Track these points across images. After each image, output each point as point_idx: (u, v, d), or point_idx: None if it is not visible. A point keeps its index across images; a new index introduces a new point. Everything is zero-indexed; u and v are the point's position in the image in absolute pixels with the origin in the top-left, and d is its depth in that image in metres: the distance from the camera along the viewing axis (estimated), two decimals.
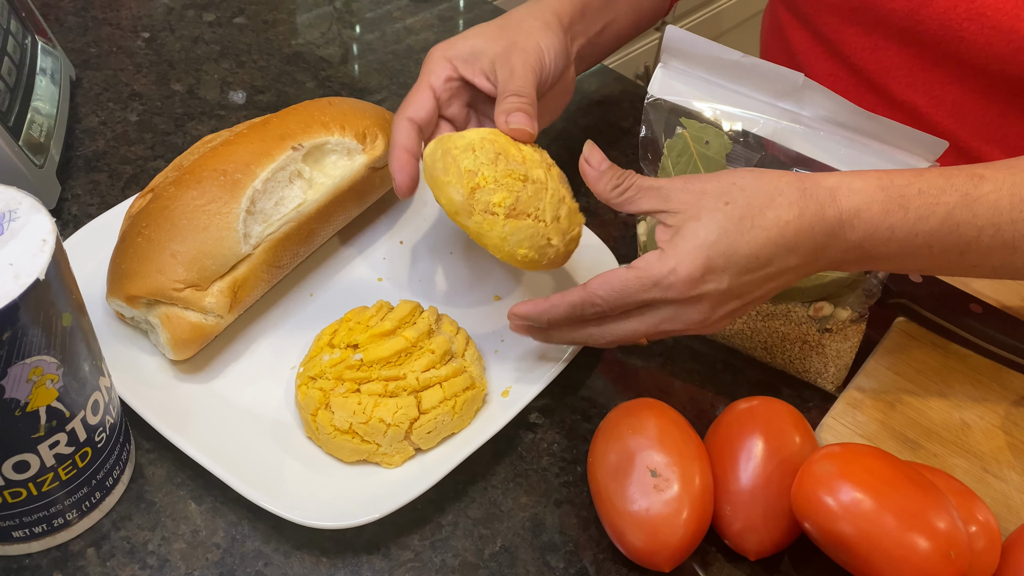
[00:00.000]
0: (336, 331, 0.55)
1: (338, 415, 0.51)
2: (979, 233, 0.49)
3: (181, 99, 0.78)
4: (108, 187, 0.70)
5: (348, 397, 0.51)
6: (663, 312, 0.49)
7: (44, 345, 0.41)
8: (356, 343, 0.53)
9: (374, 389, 0.52)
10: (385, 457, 0.52)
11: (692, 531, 0.48)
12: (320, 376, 0.53)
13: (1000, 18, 0.59)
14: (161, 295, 0.53)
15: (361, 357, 0.52)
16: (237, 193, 0.55)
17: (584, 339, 0.53)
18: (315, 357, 0.54)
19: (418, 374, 0.52)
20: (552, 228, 0.52)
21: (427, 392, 0.52)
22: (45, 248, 0.41)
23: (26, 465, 0.44)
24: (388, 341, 0.53)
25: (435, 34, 0.91)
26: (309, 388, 0.53)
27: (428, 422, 0.52)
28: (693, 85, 0.62)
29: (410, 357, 0.53)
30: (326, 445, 0.52)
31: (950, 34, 0.61)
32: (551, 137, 0.80)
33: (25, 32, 0.70)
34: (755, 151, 0.61)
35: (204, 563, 0.49)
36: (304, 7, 0.92)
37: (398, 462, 0.52)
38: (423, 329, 0.54)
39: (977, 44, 0.61)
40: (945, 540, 0.44)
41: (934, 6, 0.62)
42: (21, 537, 0.47)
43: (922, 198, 0.48)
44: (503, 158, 0.52)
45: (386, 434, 0.51)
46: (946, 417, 0.58)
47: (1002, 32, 0.59)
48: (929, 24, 0.62)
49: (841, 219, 0.48)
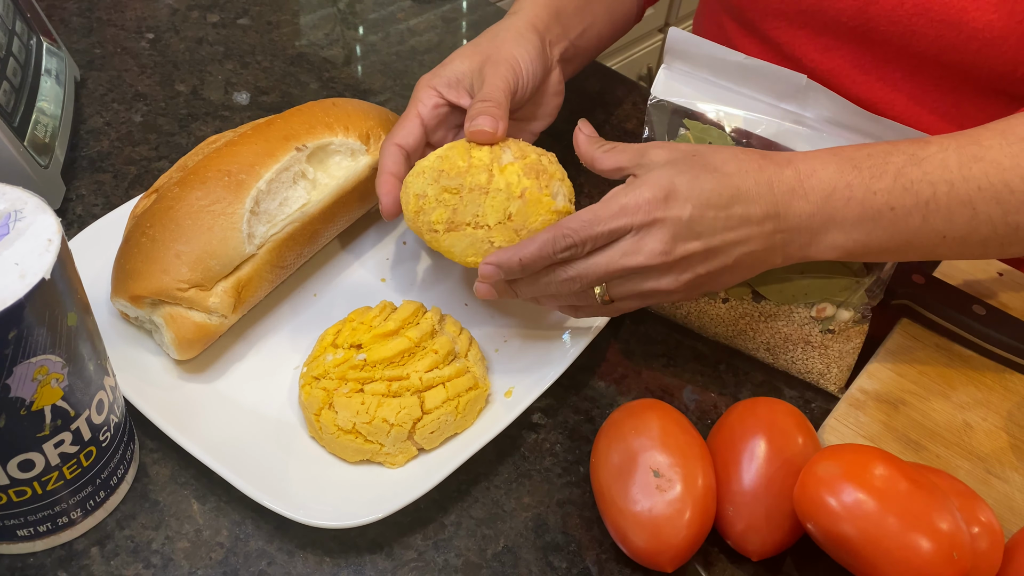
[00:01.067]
0: (339, 331, 0.55)
1: (341, 415, 0.51)
2: (934, 190, 0.51)
3: (185, 100, 0.79)
4: (112, 187, 0.70)
5: (352, 397, 0.52)
6: (625, 244, 0.50)
7: (49, 344, 0.42)
8: (359, 343, 0.54)
9: (377, 389, 0.52)
10: (388, 457, 0.52)
11: (695, 531, 0.48)
12: (324, 376, 0.53)
13: (948, 12, 0.60)
14: (165, 295, 0.54)
15: (364, 357, 0.53)
16: (241, 194, 0.56)
17: (553, 289, 0.52)
18: (319, 357, 0.54)
19: (421, 374, 0.52)
20: (497, 230, 0.52)
21: (430, 392, 0.52)
22: (51, 248, 0.41)
23: (31, 464, 0.44)
24: (391, 341, 0.53)
25: (438, 35, 0.91)
26: (313, 388, 0.53)
27: (431, 422, 0.52)
28: (696, 87, 0.63)
29: (413, 357, 0.53)
30: (330, 445, 0.53)
31: (900, 29, 0.63)
32: (553, 137, 0.80)
33: (30, 33, 0.70)
34: None
35: (208, 562, 0.49)
36: (308, 8, 0.92)
37: (401, 462, 0.52)
38: (426, 329, 0.54)
39: (928, 37, 0.62)
40: (948, 541, 0.44)
41: (881, 3, 0.63)
42: (26, 536, 0.48)
43: (871, 159, 0.51)
44: (444, 174, 0.53)
45: (389, 434, 0.51)
46: (949, 418, 0.58)
47: (951, 25, 0.60)
48: (879, 21, 0.63)
49: (799, 177, 0.51)
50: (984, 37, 0.59)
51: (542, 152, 0.57)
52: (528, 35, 0.61)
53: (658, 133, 0.63)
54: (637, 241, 0.50)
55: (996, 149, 0.51)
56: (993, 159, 0.51)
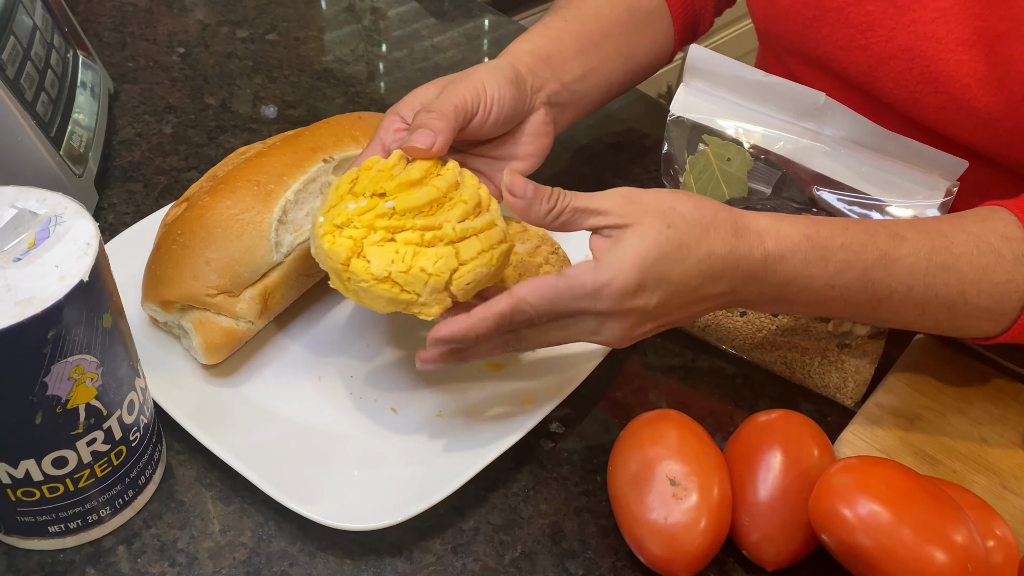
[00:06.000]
0: (356, 179, 0.52)
1: (375, 263, 0.48)
2: (892, 292, 0.51)
3: (214, 112, 0.81)
4: (143, 197, 0.72)
5: (384, 245, 0.49)
6: (587, 323, 0.49)
7: (85, 344, 0.43)
8: (383, 191, 0.51)
9: (410, 238, 0.49)
10: (424, 308, 0.50)
11: (710, 540, 0.49)
12: (347, 224, 0.50)
13: (952, 86, 0.60)
14: (195, 300, 0.55)
15: (393, 205, 0.50)
16: (270, 203, 0.57)
17: (501, 350, 0.52)
18: (337, 206, 0.51)
19: (454, 224, 0.50)
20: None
21: (464, 243, 0.50)
22: (88, 251, 0.43)
23: (64, 461, 0.46)
24: (419, 190, 0.50)
25: (461, 52, 0.92)
26: (337, 236, 0.50)
27: (467, 273, 0.49)
28: (715, 103, 0.64)
29: (442, 208, 0.50)
30: (359, 295, 0.50)
31: (905, 94, 0.62)
32: (573, 151, 0.81)
33: (67, 47, 0.72)
34: (776, 169, 0.62)
35: (231, 562, 0.50)
36: (333, 25, 0.94)
37: (436, 312, 0.50)
38: (451, 180, 0.51)
39: (930, 108, 0.62)
40: (962, 553, 0.45)
41: (891, 64, 0.62)
42: (56, 532, 0.49)
43: (843, 253, 0.50)
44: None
45: (427, 284, 0.49)
46: (965, 434, 0.58)
47: (952, 99, 0.60)
48: (885, 82, 0.63)
49: (766, 262, 0.50)
50: (982, 117, 0.59)
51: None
52: (502, 66, 0.59)
53: (677, 149, 0.64)
54: (600, 322, 0.49)
55: (965, 259, 0.51)
56: (959, 270, 0.51)
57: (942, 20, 0.59)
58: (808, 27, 0.66)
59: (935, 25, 0.60)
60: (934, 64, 0.60)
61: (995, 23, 0.57)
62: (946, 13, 0.59)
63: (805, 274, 0.50)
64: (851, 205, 0.60)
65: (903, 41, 0.61)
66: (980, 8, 0.58)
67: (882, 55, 0.63)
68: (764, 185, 0.63)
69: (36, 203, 0.45)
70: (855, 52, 0.64)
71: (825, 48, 0.66)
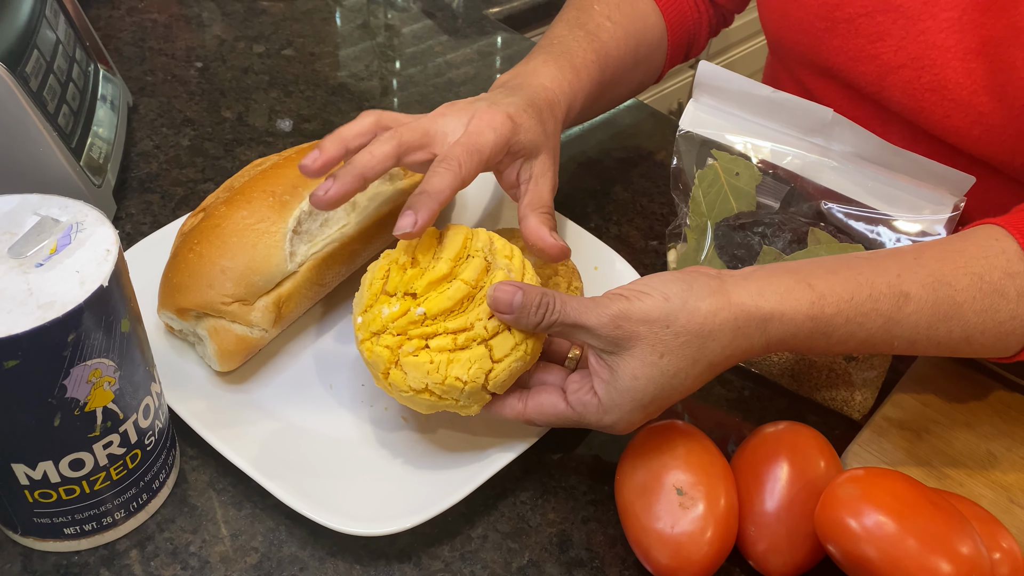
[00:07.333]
0: (388, 274, 0.52)
1: (411, 375, 0.49)
2: (892, 345, 0.52)
3: (231, 126, 0.82)
4: (160, 207, 0.73)
5: (419, 355, 0.49)
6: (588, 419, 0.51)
7: (104, 348, 0.44)
8: (414, 291, 0.51)
9: (443, 344, 0.49)
10: (464, 408, 0.51)
11: (716, 549, 0.49)
12: (383, 331, 0.51)
13: (960, 92, 0.60)
14: (210, 308, 0.56)
15: (424, 312, 0.50)
16: (285, 214, 0.58)
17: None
18: (372, 308, 0.52)
19: (485, 322, 0.50)
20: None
21: (497, 339, 0.50)
22: (109, 257, 0.44)
23: (81, 463, 0.47)
24: (448, 289, 0.50)
25: (475, 68, 0.94)
26: (374, 345, 0.51)
27: (502, 372, 0.50)
28: (724, 119, 0.64)
29: (473, 302, 0.50)
30: (401, 400, 0.52)
31: (913, 103, 0.63)
32: (582, 165, 0.82)
33: (88, 60, 0.74)
34: (784, 183, 0.63)
35: (243, 566, 0.51)
36: (348, 42, 0.96)
37: (476, 410, 0.52)
38: (480, 268, 0.51)
39: (936, 116, 0.62)
40: (968, 565, 0.45)
41: (900, 73, 0.63)
42: (72, 534, 0.50)
43: (848, 327, 0.50)
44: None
45: (463, 391, 0.50)
46: (972, 447, 0.58)
47: (960, 106, 0.61)
48: (893, 91, 0.64)
49: (768, 347, 0.50)
50: (987, 123, 0.60)
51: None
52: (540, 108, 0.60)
53: (686, 163, 0.65)
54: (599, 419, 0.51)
55: (968, 305, 0.51)
56: (963, 317, 0.51)
57: (951, 29, 0.60)
58: (820, 38, 0.67)
59: (944, 34, 0.61)
60: (943, 72, 0.61)
61: (997, 30, 0.58)
62: (955, 23, 0.60)
63: (806, 347, 0.51)
64: (858, 220, 0.61)
65: (913, 50, 0.62)
66: (982, 16, 0.59)
67: (891, 64, 0.64)
68: (772, 199, 0.63)
69: (58, 210, 0.46)
70: (865, 62, 0.65)
71: (836, 58, 0.67)
